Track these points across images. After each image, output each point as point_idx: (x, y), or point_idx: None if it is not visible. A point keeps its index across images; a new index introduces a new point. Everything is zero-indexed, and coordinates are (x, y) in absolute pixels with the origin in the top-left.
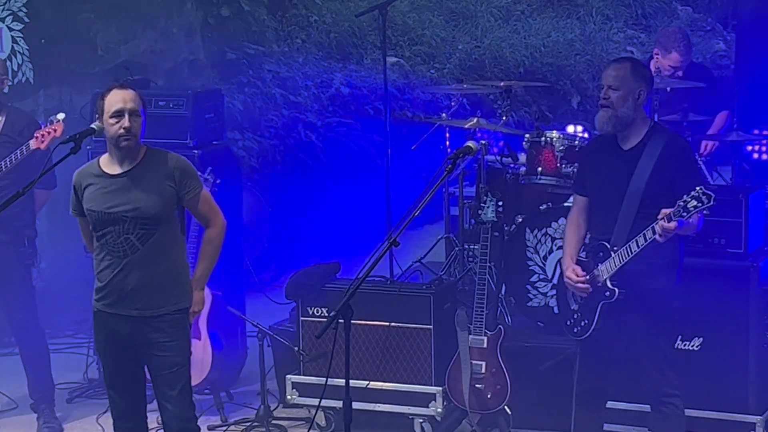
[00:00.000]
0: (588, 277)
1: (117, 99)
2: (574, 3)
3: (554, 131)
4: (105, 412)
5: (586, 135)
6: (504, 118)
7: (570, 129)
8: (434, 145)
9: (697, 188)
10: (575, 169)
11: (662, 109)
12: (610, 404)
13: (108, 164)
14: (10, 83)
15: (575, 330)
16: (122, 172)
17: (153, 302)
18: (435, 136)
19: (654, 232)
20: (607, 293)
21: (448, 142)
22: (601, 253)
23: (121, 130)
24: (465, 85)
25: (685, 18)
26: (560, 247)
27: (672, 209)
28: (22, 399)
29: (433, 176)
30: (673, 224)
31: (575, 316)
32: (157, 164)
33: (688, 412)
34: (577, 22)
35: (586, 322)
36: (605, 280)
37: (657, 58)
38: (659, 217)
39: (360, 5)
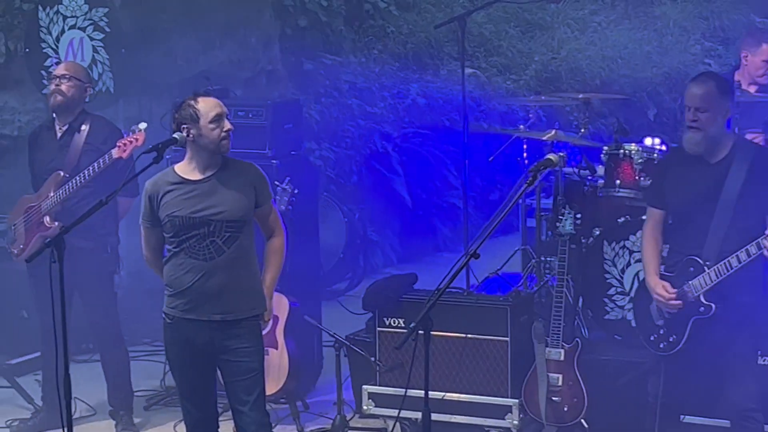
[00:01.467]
0: (678, 293)
1: (213, 105)
2: (651, 15)
3: (633, 144)
4: (182, 420)
5: (663, 147)
6: (582, 130)
7: (647, 141)
8: (511, 157)
9: None
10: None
11: (743, 122)
12: (688, 419)
13: (188, 171)
14: (92, 91)
15: (661, 345)
16: (205, 177)
17: (234, 306)
18: (511, 148)
19: (759, 248)
20: (702, 309)
21: (525, 154)
22: (692, 269)
23: (224, 133)
24: (543, 97)
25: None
26: (638, 260)
27: None
28: (100, 405)
29: (513, 188)
30: None
31: (661, 332)
32: (238, 170)
33: None
34: (654, 34)
35: (675, 337)
36: (698, 295)
37: (746, 60)
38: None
39: (437, 16)
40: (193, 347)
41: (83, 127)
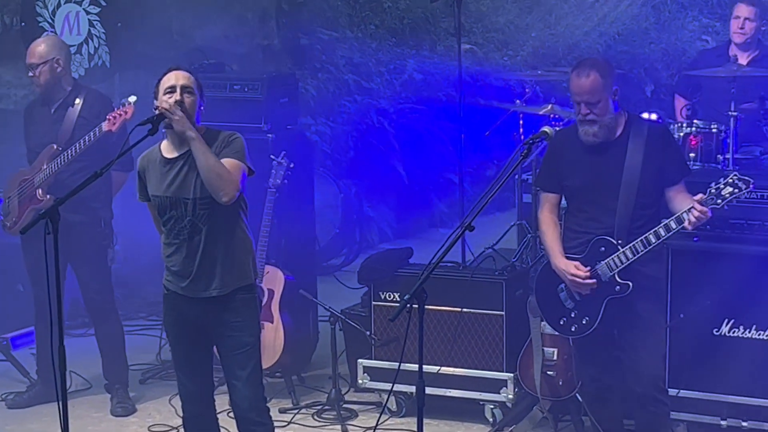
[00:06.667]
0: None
1: (170, 77)
2: None
3: None
4: (177, 393)
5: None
6: None
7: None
8: (507, 132)
9: (732, 175)
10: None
11: (739, 98)
12: (681, 393)
13: (167, 148)
14: (67, 56)
15: (573, 328)
16: (178, 155)
17: (223, 282)
18: (508, 123)
19: (679, 222)
20: (618, 287)
21: (521, 129)
22: (603, 248)
23: (174, 104)
24: (540, 72)
25: (762, 7)
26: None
27: (704, 196)
28: (95, 379)
29: (507, 162)
30: (706, 210)
31: (572, 315)
32: (210, 144)
33: (756, 401)
34: (652, 10)
35: (588, 319)
36: (613, 275)
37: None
38: (693, 205)
39: None
40: (188, 320)
41: (77, 100)
